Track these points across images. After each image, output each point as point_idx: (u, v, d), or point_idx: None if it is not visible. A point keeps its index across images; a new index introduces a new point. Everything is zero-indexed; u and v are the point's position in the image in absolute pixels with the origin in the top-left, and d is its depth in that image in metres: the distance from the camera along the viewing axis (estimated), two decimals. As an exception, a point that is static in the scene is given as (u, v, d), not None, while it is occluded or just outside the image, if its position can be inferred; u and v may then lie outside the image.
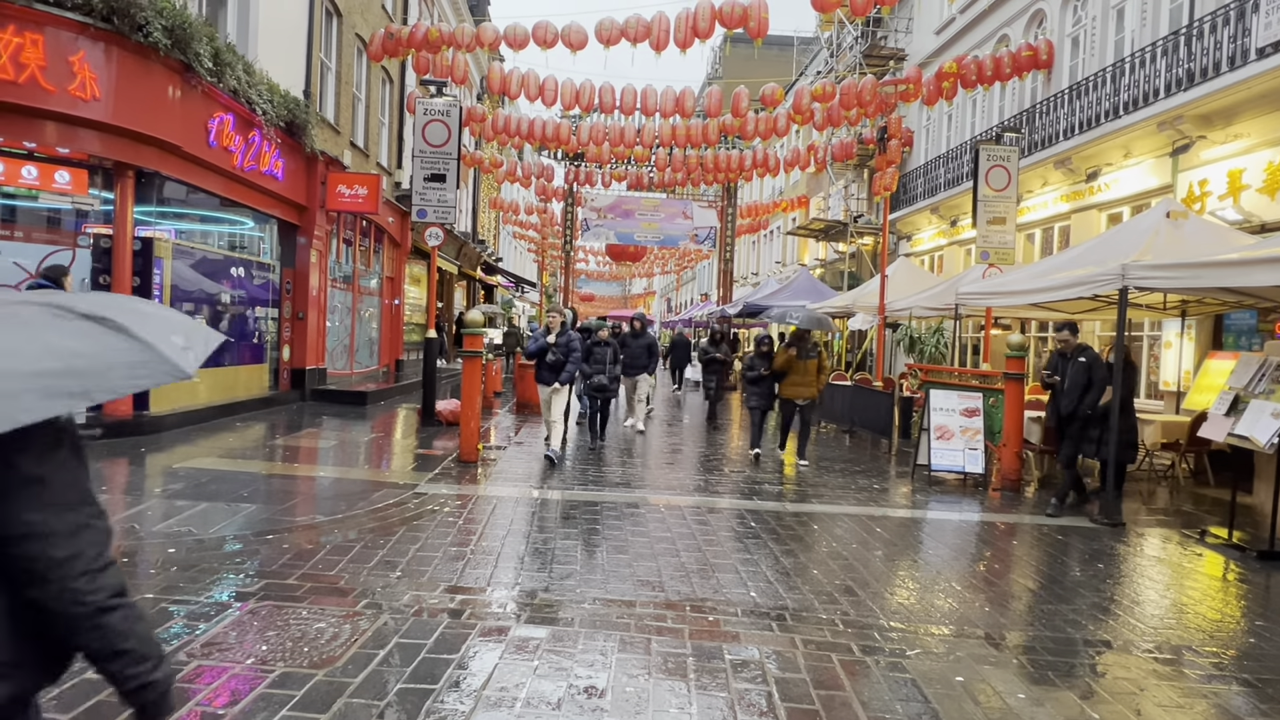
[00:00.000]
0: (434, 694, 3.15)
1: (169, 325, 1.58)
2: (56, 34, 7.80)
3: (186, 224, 11.03)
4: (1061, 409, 7.30)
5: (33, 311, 1.43)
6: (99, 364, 1.38)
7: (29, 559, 1.39)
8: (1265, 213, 9.45)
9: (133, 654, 1.49)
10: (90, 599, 1.43)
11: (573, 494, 7.15)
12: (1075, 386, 7.17)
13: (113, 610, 1.46)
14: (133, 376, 1.42)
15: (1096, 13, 13.52)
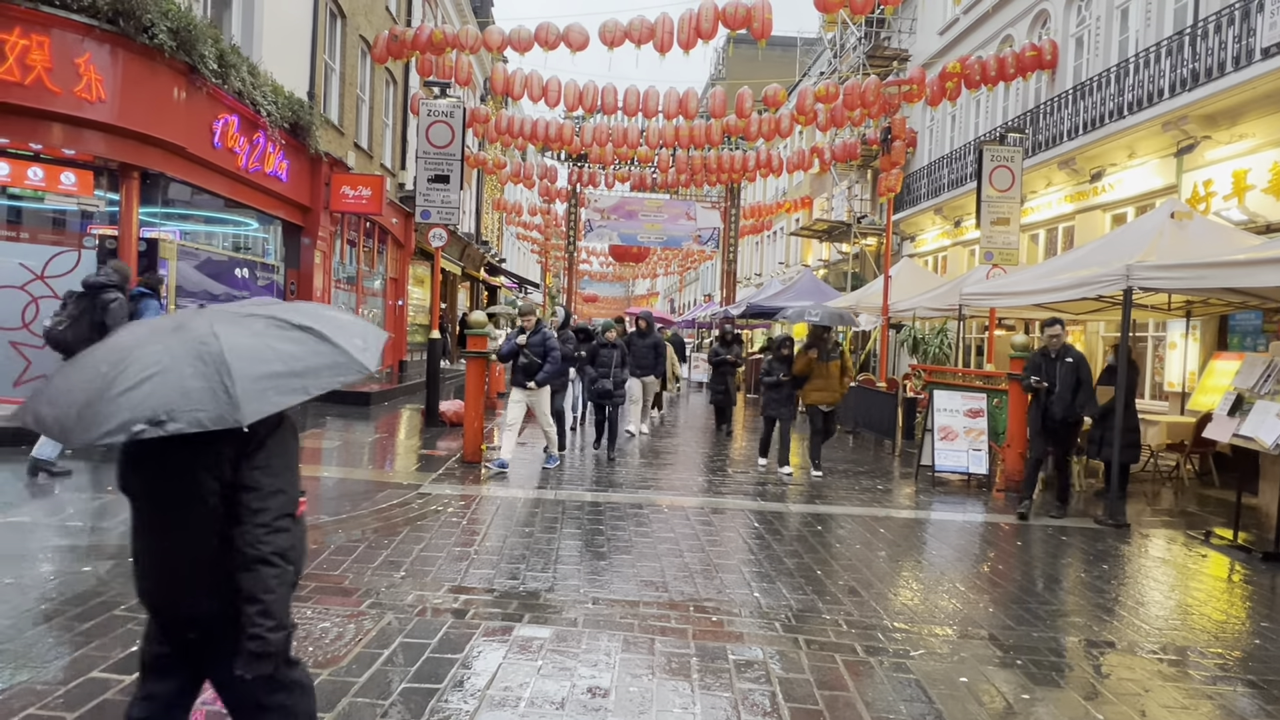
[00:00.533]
0: (438, 693, 3.16)
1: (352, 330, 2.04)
2: (62, 36, 7.83)
3: (191, 225, 11.06)
4: (1056, 414, 7.00)
5: (261, 324, 1.93)
6: (312, 365, 1.89)
7: (238, 504, 1.87)
8: (1270, 213, 9.42)
9: (266, 608, 1.85)
10: (259, 547, 1.85)
11: (577, 495, 7.16)
12: (1067, 389, 6.96)
13: (269, 564, 1.85)
14: (335, 375, 1.92)
15: (1100, 13, 13.50)
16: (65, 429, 1.77)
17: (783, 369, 8.87)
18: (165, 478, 1.92)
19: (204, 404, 1.73)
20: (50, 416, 1.81)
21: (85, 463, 7.26)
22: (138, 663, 2.18)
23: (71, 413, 1.76)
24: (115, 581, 4.21)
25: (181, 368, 1.78)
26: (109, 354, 1.86)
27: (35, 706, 2.89)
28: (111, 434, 1.69)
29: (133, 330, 2.01)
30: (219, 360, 1.79)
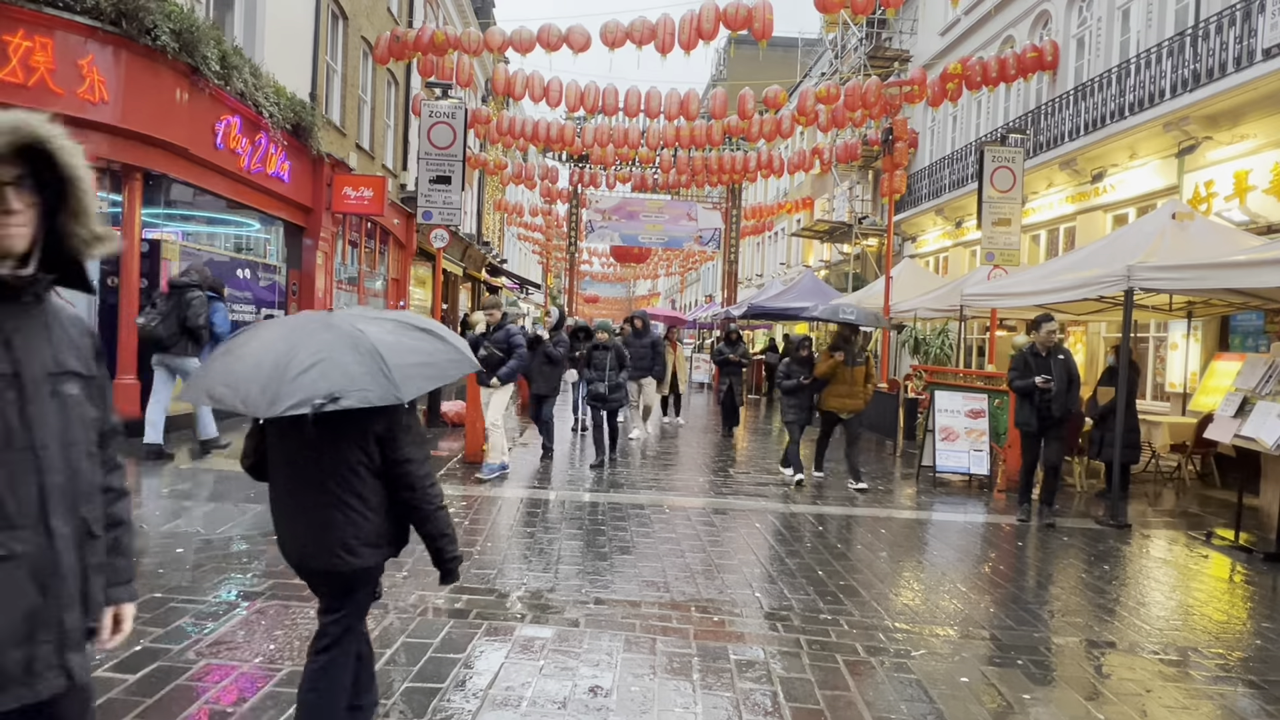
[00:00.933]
0: (440, 693, 3.17)
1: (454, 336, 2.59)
2: (65, 37, 7.85)
3: (193, 226, 11.08)
4: (1055, 411, 6.80)
5: (391, 325, 2.40)
6: (440, 360, 2.39)
7: (406, 475, 2.39)
8: (1272, 214, 9.42)
9: (449, 537, 2.51)
10: (435, 501, 2.45)
11: (578, 496, 7.17)
12: (1062, 386, 6.80)
13: (443, 509, 2.50)
14: (458, 369, 2.45)
15: (1102, 14, 13.50)
16: (250, 404, 2.15)
17: (803, 372, 8.24)
18: (311, 449, 2.32)
19: (369, 385, 2.14)
20: (230, 395, 2.21)
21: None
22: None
23: (254, 391, 2.15)
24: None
25: (342, 356, 2.19)
26: (268, 346, 2.28)
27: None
28: (296, 407, 2.08)
29: (275, 327, 2.42)
30: (373, 351, 2.21)
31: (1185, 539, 6.58)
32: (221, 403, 2.27)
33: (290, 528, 2.45)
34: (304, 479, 2.39)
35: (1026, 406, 6.92)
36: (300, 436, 2.21)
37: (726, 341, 12.85)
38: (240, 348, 2.36)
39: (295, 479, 2.41)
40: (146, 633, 3.56)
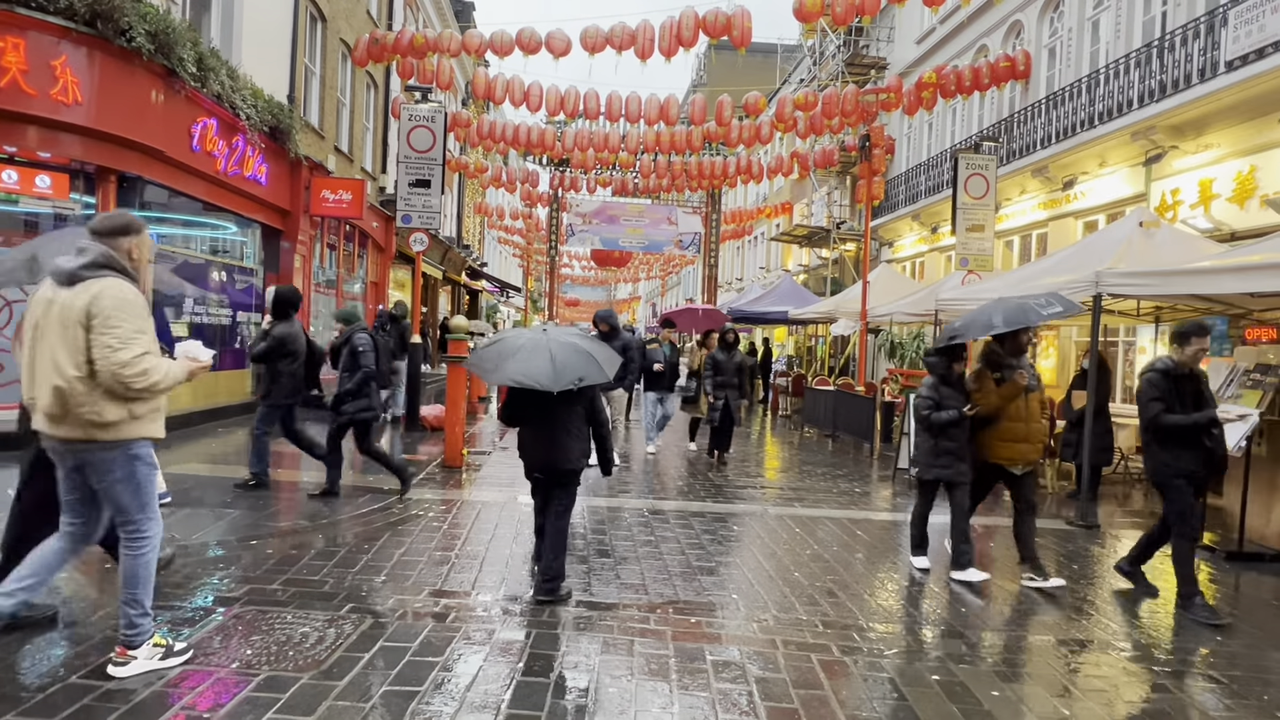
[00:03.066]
0: (419, 696, 3.18)
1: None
2: (38, 38, 7.76)
3: (169, 228, 10.96)
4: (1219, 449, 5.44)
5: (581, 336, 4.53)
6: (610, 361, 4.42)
7: (599, 419, 4.58)
8: (1235, 221, 9.67)
9: (610, 440, 4.76)
10: (608, 427, 4.70)
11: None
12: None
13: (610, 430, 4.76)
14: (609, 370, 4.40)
15: (1072, 24, 13.78)
16: (542, 383, 4.08)
17: (958, 399, 5.33)
18: (556, 405, 4.35)
19: (594, 372, 4.25)
20: (530, 378, 4.10)
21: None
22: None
23: (545, 376, 4.09)
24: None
25: (575, 357, 4.25)
26: (536, 350, 4.25)
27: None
28: (570, 383, 4.12)
29: (520, 337, 4.44)
30: (589, 354, 4.33)
31: (1152, 539, 6.73)
32: (523, 383, 4.13)
33: (539, 449, 4.48)
34: (549, 421, 4.41)
35: (1184, 448, 4.87)
36: (549, 398, 4.23)
37: (723, 345, 10.37)
38: (516, 351, 4.28)
39: (544, 422, 4.43)
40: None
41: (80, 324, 2.94)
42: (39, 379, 3.02)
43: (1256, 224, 9.25)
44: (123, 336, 2.95)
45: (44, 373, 3.00)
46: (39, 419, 3.09)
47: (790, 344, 27.27)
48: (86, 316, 2.94)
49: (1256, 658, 4.11)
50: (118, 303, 2.97)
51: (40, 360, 3.02)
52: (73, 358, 2.95)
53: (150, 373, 3.02)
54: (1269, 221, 9.03)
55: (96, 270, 3.03)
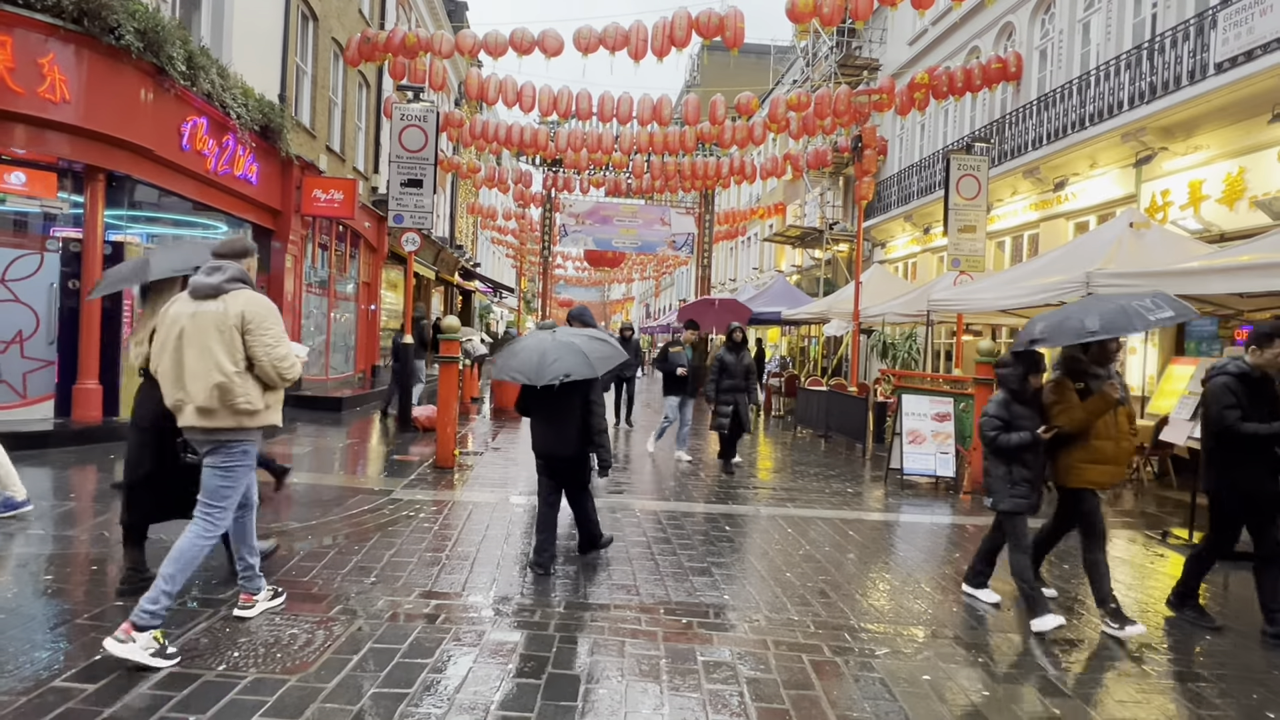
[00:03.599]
0: (408, 698, 3.16)
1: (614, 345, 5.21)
2: (25, 36, 7.70)
3: (159, 228, 10.90)
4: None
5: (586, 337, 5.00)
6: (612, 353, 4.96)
7: (592, 411, 5.01)
8: (1224, 223, 9.73)
9: (607, 445, 5.12)
10: (602, 424, 5.09)
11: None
12: None
13: (604, 432, 5.11)
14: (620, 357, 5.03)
15: (1064, 26, 13.85)
16: (527, 376, 4.65)
17: (1032, 419, 4.58)
18: (556, 398, 4.86)
19: (581, 369, 4.67)
20: (520, 374, 4.70)
21: (50, 469, 7.13)
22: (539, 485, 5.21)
23: (531, 371, 4.65)
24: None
25: (568, 354, 4.70)
26: (533, 349, 4.81)
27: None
28: (555, 378, 4.57)
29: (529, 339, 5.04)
30: (580, 351, 4.75)
31: (1142, 538, 6.76)
32: (516, 379, 4.74)
33: (546, 436, 5.06)
34: (553, 412, 5.00)
35: (1256, 460, 4.41)
36: (551, 392, 4.79)
37: (730, 346, 9.56)
38: (519, 350, 4.92)
39: (549, 413, 5.02)
40: (107, 642, 3.50)
41: (236, 329, 3.53)
42: (192, 379, 3.52)
43: (1246, 225, 9.31)
44: (276, 337, 3.62)
45: (201, 372, 3.51)
46: (189, 413, 3.56)
47: (783, 344, 27.30)
48: (242, 322, 3.54)
49: (1246, 658, 4.13)
50: (267, 310, 3.63)
51: (193, 363, 3.52)
52: (231, 356, 3.52)
53: (295, 365, 3.73)
54: (1258, 223, 9.08)
55: (235, 284, 3.62)
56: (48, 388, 8.78)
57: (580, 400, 4.95)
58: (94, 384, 8.84)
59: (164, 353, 3.59)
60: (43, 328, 8.76)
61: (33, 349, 8.70)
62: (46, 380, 8.78)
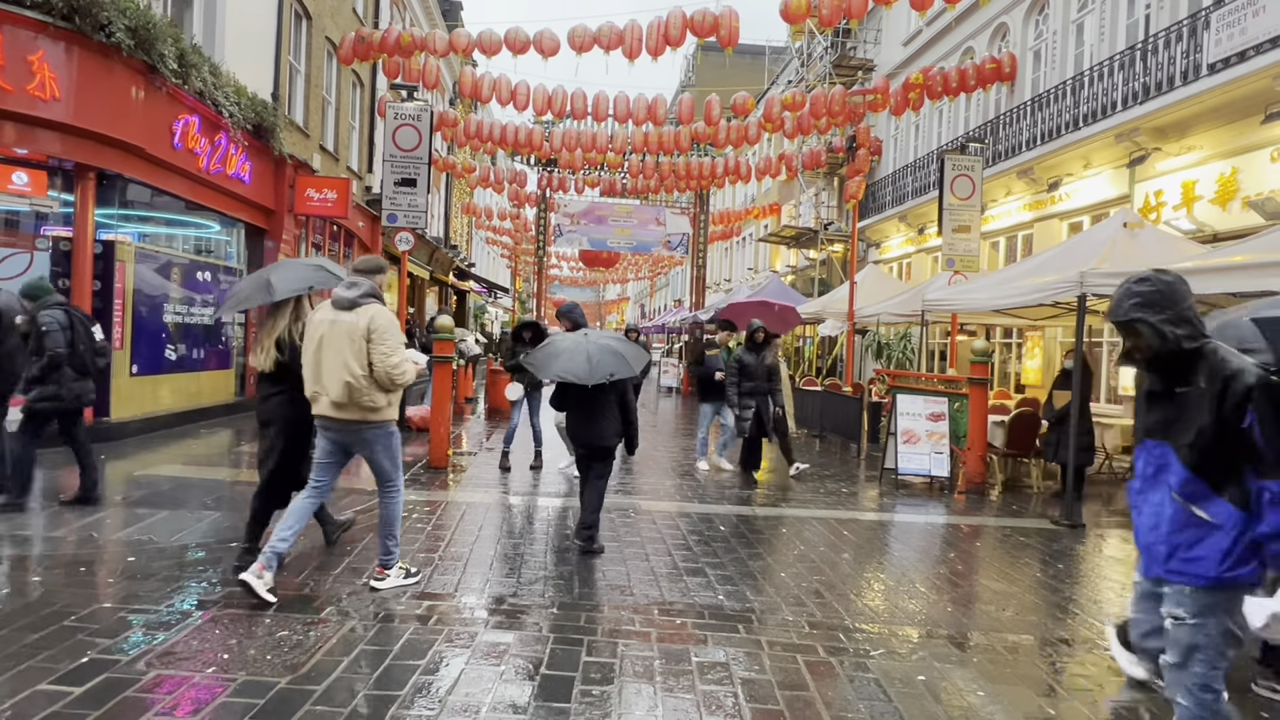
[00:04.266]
0: (399, 700, 3.13)
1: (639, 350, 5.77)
2: (14, 32, 7.64)
3: (151, 227, 10.84)
4: None
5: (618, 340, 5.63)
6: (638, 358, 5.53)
7: (628, 407, 5.58)
8: (1217, 223, 9.76)
9: (636, 426, 5.68)
10: (635, 414, 5.66)
11: (542, 500, 7.14)
12: None
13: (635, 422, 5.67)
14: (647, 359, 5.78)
15: (1057, 27, 13.88)
16: (579, 377, 5.16)
17: None
18: (594, 395, 5.36)
19: (624, 369, 5.29)
20: (571, 374, 5.18)
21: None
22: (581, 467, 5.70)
23: (583, 372, 5.16)
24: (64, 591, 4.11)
25: (609, 357, 5.29)
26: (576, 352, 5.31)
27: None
28: (603, 378, 5.18)
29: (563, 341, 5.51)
30: (620, 354, 5.35)
31: (1136, 538, 6.77)
32: (565, 379, 5.23)
33: (583, 429, 5.53)
34: (591, 408, 5.45)
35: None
36: (589, 390, 5.29)
37: (750, 345, 8.77)
38: (559, 353, 5.35)
39: (586, 408, 5.47)
40: (94, 644, 3.47)
41: (363, 338, 4.14)
42: (327, 377, 4.17)
43: (1238, 225, 9.34)
44: (391, 347, 4.19)
45: (335, 372, 4.15)
46: (324, 405, 4.23)
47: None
48: (367, 333, 4.14)
49: (1240, 656, 4.12)
50: (387, 323, 4.21)
51: (328, 363, 4.16)
52: (359, 360, 4.14)
53: (407, 373, 4.27)
54: (1250, 223, 9.11)
55: (368, 299, 4.23)
56: (38, 388, 8.70)
57: (617, 396, 5.50)
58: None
59: (307, 352, 4.25)
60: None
61: (22, 349, 8.62)
62: (36, 380, 8.70)
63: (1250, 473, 2.41)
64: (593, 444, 5.55)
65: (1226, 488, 2.45)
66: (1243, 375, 2.40)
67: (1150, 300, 2.53)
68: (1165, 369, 2.58)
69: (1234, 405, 2.38)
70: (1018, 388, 14.60)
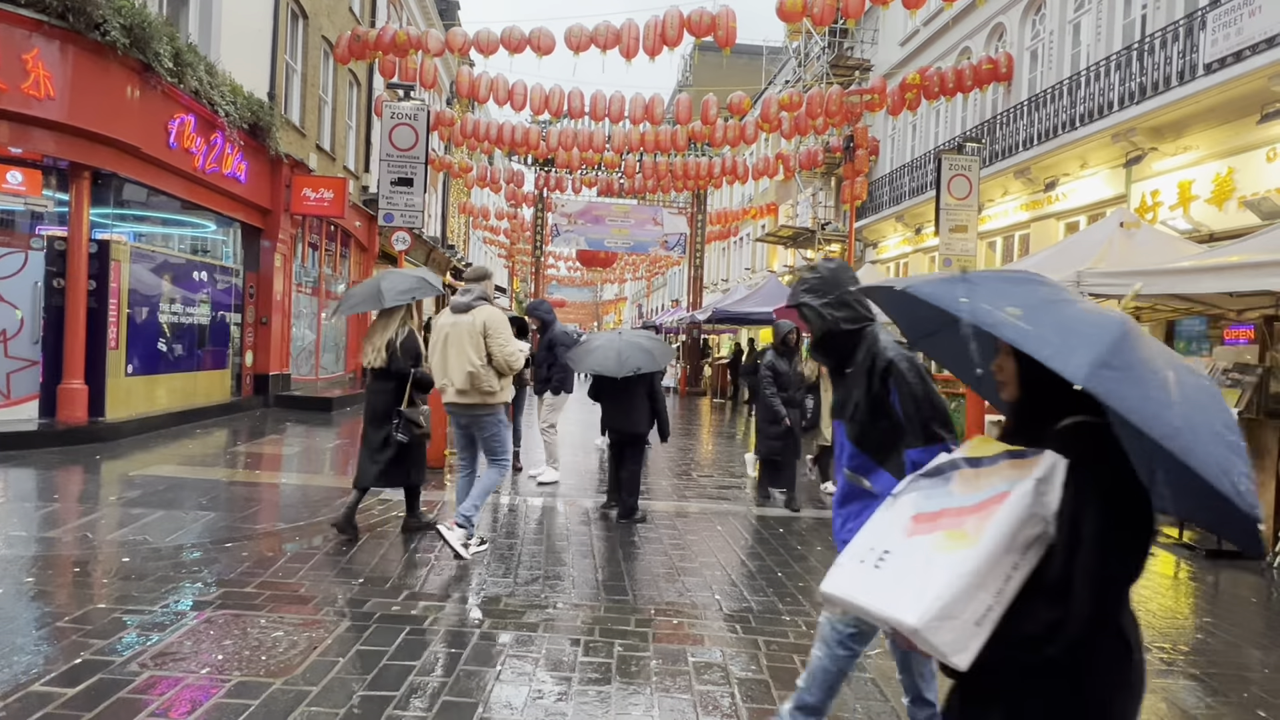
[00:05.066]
0: (394, 701, 3.12)
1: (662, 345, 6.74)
2: (9, 31, 7.62)
3: (146, 227, 10.81)
4: None
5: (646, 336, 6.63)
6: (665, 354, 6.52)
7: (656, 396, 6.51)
8: (1213, 223, 9.77)
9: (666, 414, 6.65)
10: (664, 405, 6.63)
11: (538, 500, 7.13)
12: None
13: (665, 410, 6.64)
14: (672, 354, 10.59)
15: (1054, 27, 13.89)
16: (610, 370, 5.99)
17: None
18: (626, 388, 6.14)
19: (648, 363, 6.09)
20: (602, 368, 6.03)
21: (39, 470, 7.05)
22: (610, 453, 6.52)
23: (612, 366, 5.99)
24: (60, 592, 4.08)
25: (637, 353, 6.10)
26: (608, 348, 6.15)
27: (-28, 722, 2.79)
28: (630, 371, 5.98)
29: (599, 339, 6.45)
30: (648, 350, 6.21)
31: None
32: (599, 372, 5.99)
33: (616, 418, 6.17)
34: (622, 399, 6.06)
35: None
36: (619, 382, 5.97)
37: (783, 350, 7.51)
38: (594, 350, 6.08)
39: (618, 400, 6.10)
40: (88, 644, 3.45)
41: (480, 334, 4.96)
42: (453, 369, 4.99)
43: (1234, 225, 9.35)
44: (505, 339, 5.02)
45: (458, 364, 4.97)
46: (450, 393, 5.06)
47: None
48: (484, 329, 4.96)
49: (1236, 655, 4.13)
50: (500, 321, 5.05)
51: (453, 358, 4.99)
52: (478, 352, 4.96)
53: (519, 357, 5.08)
54: (1247, 223, 9.12)
55: (480, 303, 5.09)
56: (32, 388, 8.68)
57: (646, 389, 6.17)
58: (79, 384, 8.75)
59: (435, 351, 5.10)
60: (27, 327, 8.66)
61: (17, 348, 8.60)
62: (31, 380, 8.68)
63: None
64: (624, 431, 6.23)
65: (887, 460, 2.59)
66: (885, 352, 2.59)
67: (813, 286, 2.72)
68: (830, 351, 2.76)
69: (880, 382, 2.56)
70: (1014, 387, 14.59)
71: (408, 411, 5.35)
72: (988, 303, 1.37)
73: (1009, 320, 1.33)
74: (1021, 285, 1.47)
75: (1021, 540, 1.37)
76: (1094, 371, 1.21)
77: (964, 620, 1.32)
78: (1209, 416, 1.27)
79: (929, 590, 1.33)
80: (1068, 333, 1.30)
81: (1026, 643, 1.37)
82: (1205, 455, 1.20)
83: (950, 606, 1.31)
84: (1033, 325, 1.31)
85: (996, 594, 1.35)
